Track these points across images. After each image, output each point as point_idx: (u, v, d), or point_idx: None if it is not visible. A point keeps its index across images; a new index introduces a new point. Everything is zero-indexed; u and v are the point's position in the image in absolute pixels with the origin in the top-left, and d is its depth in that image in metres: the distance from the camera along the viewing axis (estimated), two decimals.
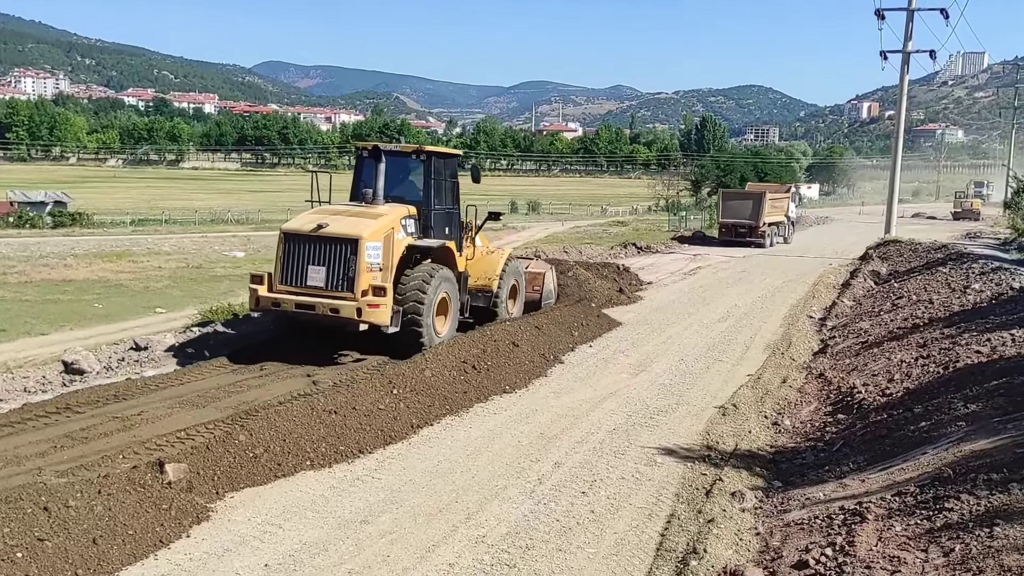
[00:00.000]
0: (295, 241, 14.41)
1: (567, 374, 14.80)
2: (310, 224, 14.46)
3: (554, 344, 16.26)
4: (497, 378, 13.69)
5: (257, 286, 14.47)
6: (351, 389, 11.50)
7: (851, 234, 52.35)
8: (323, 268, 14.28)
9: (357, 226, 14.40)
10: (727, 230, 42.13)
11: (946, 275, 23.30)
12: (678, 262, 34.90)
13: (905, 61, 40.37)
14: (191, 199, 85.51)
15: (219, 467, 9.25)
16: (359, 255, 14.15)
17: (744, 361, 16.32)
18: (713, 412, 12.55)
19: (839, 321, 20.23)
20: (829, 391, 13.20)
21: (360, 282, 14.18)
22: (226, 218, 62.46)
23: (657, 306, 22.69)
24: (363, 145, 16.55)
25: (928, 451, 8.68)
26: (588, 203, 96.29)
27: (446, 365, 13.26)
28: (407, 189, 16.30)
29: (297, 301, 14.15)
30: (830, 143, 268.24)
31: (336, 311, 14.02)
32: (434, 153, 16.35)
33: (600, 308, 20.64)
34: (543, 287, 19.79)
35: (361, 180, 16.22)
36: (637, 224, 64.46)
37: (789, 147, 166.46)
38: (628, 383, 14.30)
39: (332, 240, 14.25)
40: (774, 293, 25.84)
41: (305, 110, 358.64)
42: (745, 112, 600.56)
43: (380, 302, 14.13)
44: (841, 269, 31.86)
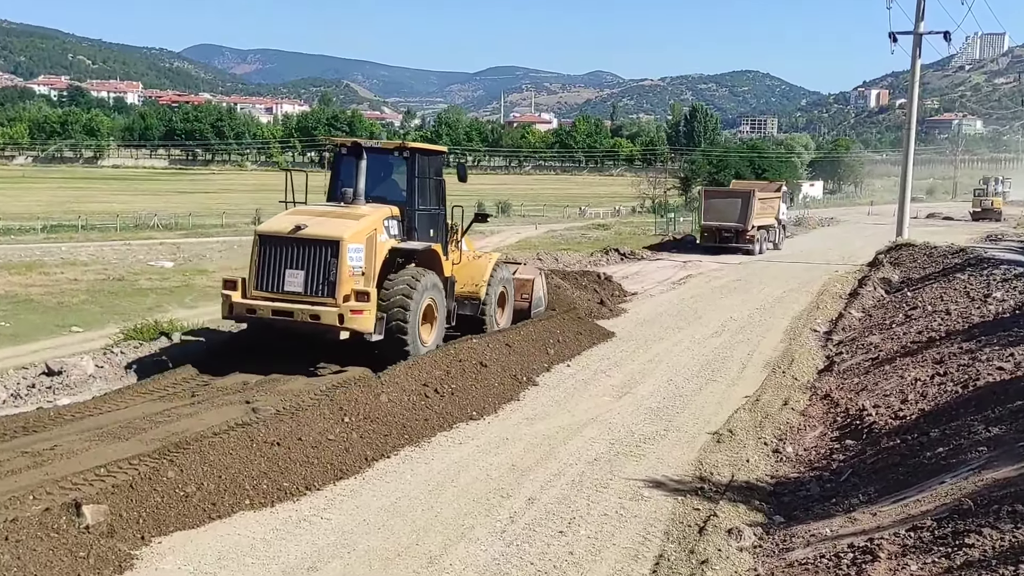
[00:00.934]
0: (271, 244, 14.98)
1: (542, 397, 14.83)
2: (287, 225, 15.04)
3: (527, 364, 16.29)
4: (463, 403, 13.69)
5: (230, 292, 14.99)
6: (296, 417, 11.45)
7: (859, 237, 52.91)
8: (302, 272, 14.87)
9: (338, 227, 14.97)
10: (710, 234, 42.23)
11: (965, 282, 23.61)
12: (666, 270, 35.08)
13: (917, 43, 40.97)
14: (111, 202, 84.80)
15: (144, 508, 9.15)
16: (340, 258, 14.74)
17: (741, 381, 16.42)
18: (706, 439, 12.61)
19: (846, 335, 20.43)
20: (836, 414, 13.31)
21: (342, 287, 14.77)
22: (152, 223, 61.94)
23: (643, 319, 22.78)
24: (342, 141, 17.28)
25: (946, 480, 8.77)
26: (564, 204, 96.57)
27: (405, 389, 13.24)
28: (389, 188, 16.90)
29: (274, 307, 14.73)
30: (835, 135, 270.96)
31: (316, 317, 14.62)
32: (418, 150, 16.87)
33: (589, 318, 20.95)
34: (532, 294, 20.32)
35: (339, 179, 16.85)
36: (620, 227, 64.75)
37: (789, 140, 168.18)
38: (611, 407, 14.35)
39: (311, 242, 14.83)
40: (774, 304, 26.04)
41: (242, 100, 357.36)
42: (740, 101, 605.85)
43: (363, 308, 14.71)
44: (848, 277, 32.20)
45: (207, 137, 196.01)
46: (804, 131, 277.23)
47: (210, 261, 38.53)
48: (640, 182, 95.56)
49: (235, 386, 14.08)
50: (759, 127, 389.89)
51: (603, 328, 20.71)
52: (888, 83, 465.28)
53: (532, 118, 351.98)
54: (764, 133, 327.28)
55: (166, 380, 14.26)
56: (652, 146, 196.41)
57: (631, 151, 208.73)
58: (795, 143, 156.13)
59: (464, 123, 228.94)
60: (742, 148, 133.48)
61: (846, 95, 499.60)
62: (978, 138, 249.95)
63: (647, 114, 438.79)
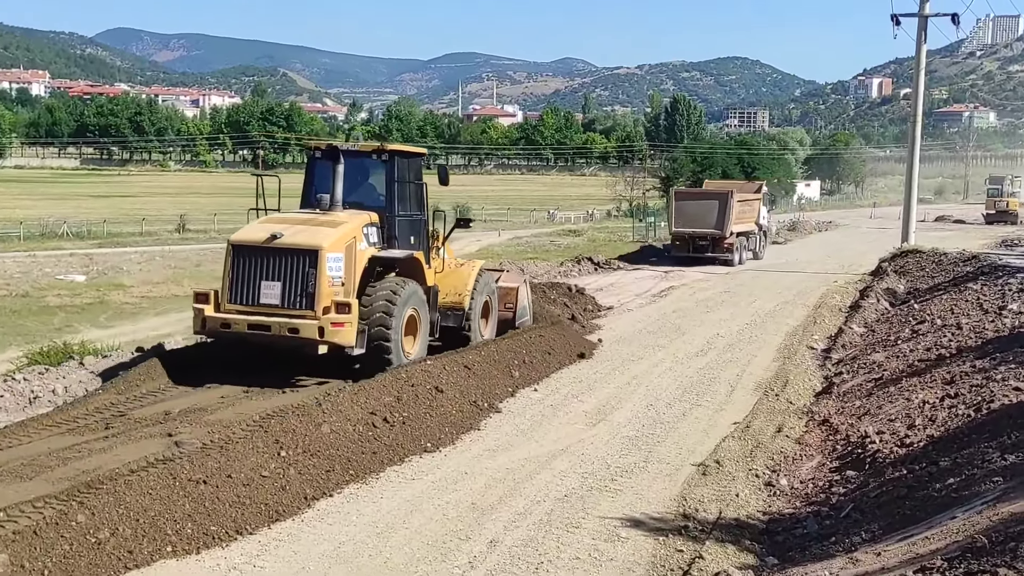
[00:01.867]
0: (245, 254, 15.85)
1: (506, 426, 14.83)
2: (262, 234, 15.91)
3: (489, 388, 16.31)
4: (416, 433, 13.67)
5: (202, 306, 15.80)
6: (225, 452, 11.36)
7: (861, 243, 53.41)
8: (278, 284, 15.73)
9: (316, 235, 15.88)
10: (683, 242, 41.72)
11: (978, 293, 23.88)
12: (645, 281, 35.23)
13: (922, 27, 41.50)
14: (14, 207, 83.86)
15: (51, 557, 9.04)
16: (319, 268, 15.59)
17: (729, 406, 16.50)
18: (691, 471, 12.65)
19: (847, 353, 20.59)
20: (835, 442, 13.40)
21: (321, 298, 15.61)
22: (61, 231, 61.39)
23: (619, 337, 22.85)
24: (316, 144, 18.27)
25: (958, 514, 8.84)
26: (531, 207, 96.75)
27: (350, 418, 13.19)
28: (366, 193, 17.81)
29: (250, 321, 15.56)
30: (832, 129, 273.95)
31: (295, 331, 15.48)
32: (397, 152, 17.76)
33: (570, 330, 21.51)
34: (516, 303, 21.09)
35: (314, 184, 17.76)
36: (593, 233, 65.03)
37: (782, 135, 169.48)
38: (583, 436, 14.36)
39: (288, 252, 15.71)
40: (766, 319, 26.22)
41: (165, 91, 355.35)
42: (727, 91, 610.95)
43: (344, 320, 15.54)
44: (849, 287, 32.49)
45: (124, 133, 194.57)
46: (798, 125, 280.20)
47: (128, 274, 38.24)
48: (616, 182, 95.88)
49: (155, 416, 13.95)
50: (748, 120, 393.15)
51: (590, 340, 21.23)
52: (891, 71, 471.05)
53: (494, 111, 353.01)
54: (754, 127, 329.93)
55: (76, 411, 14.11)
56: (629, 142, 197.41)
57: (605, 148, 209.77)
58: (789, 138, 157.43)
59: (417, 117, 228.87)
60: (729, 144, 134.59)
61: (845, 84, 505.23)
62: (991, 132, 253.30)
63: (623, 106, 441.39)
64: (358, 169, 17.90)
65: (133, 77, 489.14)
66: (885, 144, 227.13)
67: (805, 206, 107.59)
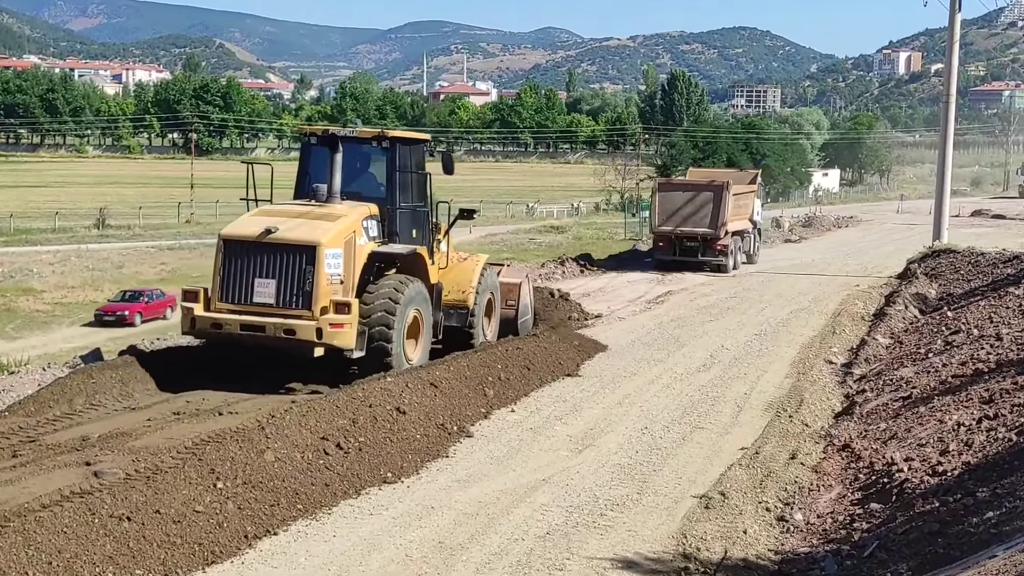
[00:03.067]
0: (238, 249, 16.88)
1: (478, 453, 14.82)
2: (255, 228, 16.87)
3: (459, 409, 16.31)
4: (374, 461, 13.65)
5: (191, 304, 16.86)
6: (153, 483, 11.30)
7: (886, 241, 53.69)
8: (273, 281, 16.72)
9: (314, 230, 16.84)
10: (667, 244, 40.79)
11: (1020, 299, 23.98)
12: (639, 284, 35.26)
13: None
14: None
15: None
16: (317, 265, 16.58)
17: (736, 428, 16.54)
18: (692, 504, 12.68)
19: (871, 368, 20.66)
20: (858, 470, 13.44)
21: (319, 297, 16.61)
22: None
23: (610, 349, 22.87)
24: (312, 130, 19.36)
25: (997, 553, 8.88)
26: (507, 199, 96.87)
27: (297, 444, 13.14)
28: (365, 184, 18.86)
29: (243, 322, 16.54)
30: (854, 110, 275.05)
31: (292, 332, 16.49)
32: (399, 139, 18.84)
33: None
34: (519, 302, 22.18)
35: (309, 173, 18.89)
36: (579, 230, 65.15)
37: (796, 117, 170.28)
38: (568, 464, 14.37)
39: (284, 248, 16.72)
40: (778, 328, 26.29)
41: (82, 64, 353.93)
42: (733, 66, 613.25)
43: (344, 321, 16.53)
44: (872, 292, 32.58)
45: (34, 113, 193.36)
46: (815, 105, 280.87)
47: (39, 278, 38.06)
48: (605, 171, 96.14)
49: (71, 442, 13.85)
50: (758, 100, 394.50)
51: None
52: (921, 44, 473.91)
53: (464, 88, 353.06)
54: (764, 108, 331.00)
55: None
56: (620, 125, 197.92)
57: (593, 131, 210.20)
58: (803, 120, 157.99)
59: (375, 95, 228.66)
60: (735, 127, 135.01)
61: (868, 59, 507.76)
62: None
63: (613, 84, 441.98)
64: (356, 157, 18.86)
65: (45, 48, 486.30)
66: (914, 127, 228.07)
67: (822, 199, 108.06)
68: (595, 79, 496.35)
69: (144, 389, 16.50)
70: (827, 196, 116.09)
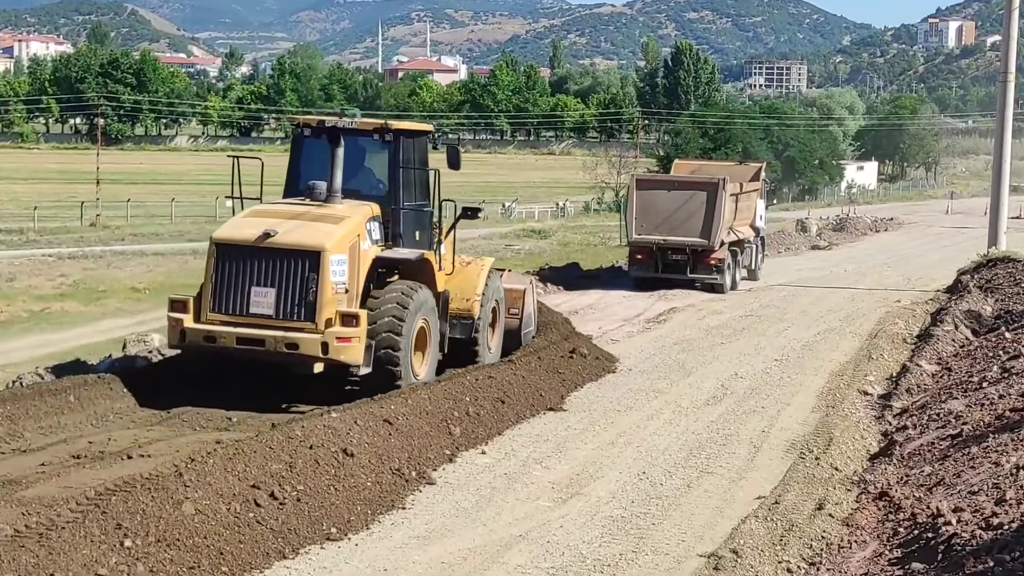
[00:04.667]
0: (232, 255, 18.08)
1: (442, 503, 14.78)
2: (252, 231, 18.07)
3: (419, 450, 16.25)
4: (316, 514, 13.56)
5: (180, 315, 18.08)
6: (46, 542, 11.22)
7: (933, 248, 53.96)
8: (272, 290, 17.90)
9: (316, 234, 18.06)
10: (646, 257, 39.18)
11: None
12: (636, 300, 35.30)
13: None
14: None
15: None
16: (322, 272, 17.80)
17: (751, 473, 16.56)
18: (698, 564, 12.68)
19: (913, 400, 20.69)
20: (897, 523, 13.45)
21: (323, 308, 17.81)
22: None
23: (603, 379, 22.86)
24: (305, 120, 20.57)
25: None
26: (479, 197, 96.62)
27: (223, 493, 13.05)
28: (363, 180, 20.35)
29: (240, 335, 17.72)
30: (895, 91, 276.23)
31: (294, 347, 17.69)
32: (403, 131, 20.14)
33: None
34: (523, 310, 23.36)
35: (300, 169, 20.26)
36: (565, 234, 65.22)
37: (826, 99, 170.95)
38: (549, 517, 14.34)
39: (284, 253, 17.91)
40: (802, 353, 26.36)
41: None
42: (749, 39, 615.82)
43: (352, 335, 17.73)
44: (916, 309, 32.69)
45: None
46: (848, 85, 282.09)
47: None
48: (596, 164, 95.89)
49: None
50: (780, 78, 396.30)
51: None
52: (974, 12, 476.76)
53: (427, 64, 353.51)
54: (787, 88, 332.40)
55: None
56: (615, 108, 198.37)
57: (582, 116, 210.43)
58: (834, 103, 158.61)
59: (320, 72, 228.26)
60: (753, 111, 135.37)
61: (911, 30, 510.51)
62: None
63: (607, 59, 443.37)
64: (353, 151, 20.03)
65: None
66: (966, 112, 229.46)
67: (857, 197, 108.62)
68: (585, 53, 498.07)
69: (37, 427, 16.41)
70: (863, 194, 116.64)
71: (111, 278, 43.36)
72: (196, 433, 16.48)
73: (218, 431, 16.74)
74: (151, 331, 26.03)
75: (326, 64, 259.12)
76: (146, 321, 31.02)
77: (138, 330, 26.94)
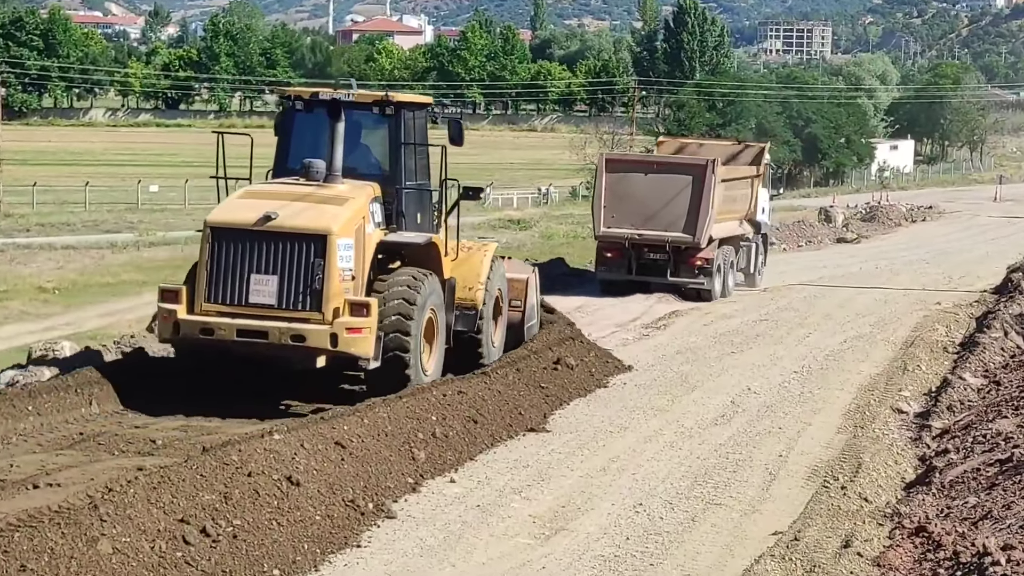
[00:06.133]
0: (229, 239, 19.11)
1: (403, 540, 14.75)
2: (251, 214, 19.13)
3: (376, 478, 16.24)
4: (255, 553, 13.53)
5: (172, 306, 19.08)
6: None
7: (979, 241, 54.08)
8: (274, 278, 18.93)
9: (322, 216, 19.18)
10: (617, 255, 38.19)
11: None
12: (632, 303, 35.34)
13: None
14: None
15: None
16: (328, 258, 18.90)
17: (766, 505, 16.58)
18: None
19: (956, 419, 20.75)
20: (937, 563, 13.50)
21: (330, 297, 18.90)
22: None
23: (591, 394, 22.87)
24: (296, 92, 22.02)
25: None
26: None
27: (146, 529, 13.00)
28: (361, 158, 21.58)
29: (240, 326, 18.74)
30: (934, 57, 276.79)
31: (301, 339, 18.75)
32: (404, 104, 21.41)
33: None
34: (525, 302, 24.37)
35: (291, 146, 21.42)
36: (549, 224, 65.28)
37: (854, 66, 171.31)
38: (530, 557, 14.34)
39: (287, 237, 18.98)
40: (825, 364, 26.39)
41: None
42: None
43: (362, 325, 18.87)
44: (960, 312, 32.74)
45: None
46: (879, 51, 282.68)
47: None
48: (585, 142, 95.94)
49: None
50: (800, 43, 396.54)
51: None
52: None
53: (387, 24, 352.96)
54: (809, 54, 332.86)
55: None
56: (607, 77, 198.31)
57: (569, 86, 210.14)
58: (864, 71, 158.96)
59: (261, 36, 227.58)
60: (769, 80, 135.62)
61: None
62: None
63: (597, 19, 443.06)
64: (350, 126, 20.88)
65: None
66: (1017, 82, 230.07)
67: (889, 181, 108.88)
68: (572, 12, 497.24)
69: None
70: (896, 178, 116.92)
71: (14, 276, 43.37)
72: (115, 458, 16.39)
73: (140, 456, 16.64)
74: (61, 338, 25.96)
75: (268, 25, 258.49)
76: (55, 327, 31.04)
77: (46, 337, 26.85)
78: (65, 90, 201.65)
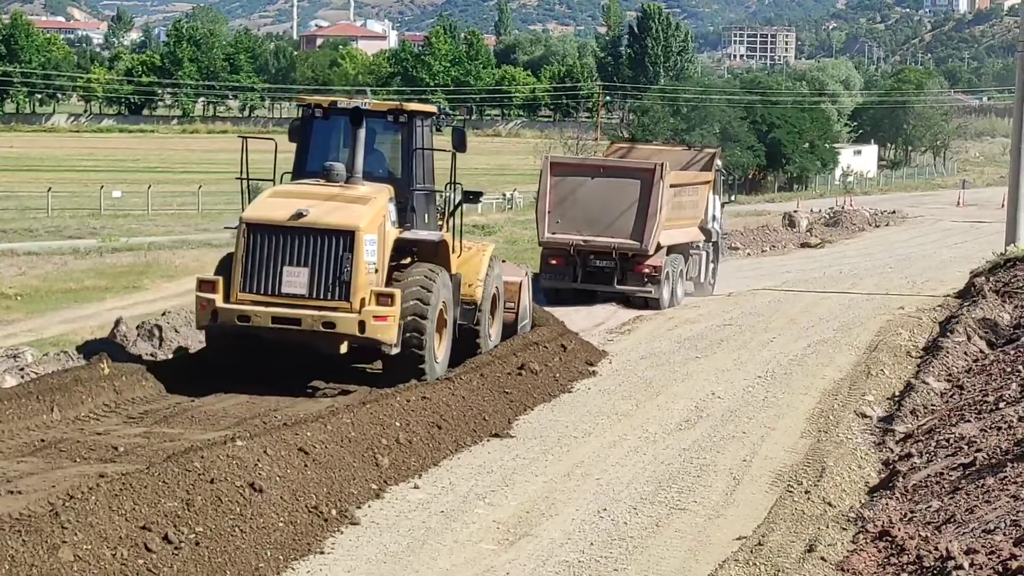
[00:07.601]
0: (264, 234, 21.41)
1: (367, 546, 14.77)
2: (284, 211, 21.47)
3: (340, 484, 16.25)
4: (217, 560, 13.52)
5: (210, 295, 21.36)
6: None
7: (943, 246, 54.24)
8: (305, 270, 21.26)
9: (350, 214, 21.50)
10: (561, 261, 37.43)
11: None
12: (596, 308, 35.28)
13: None
14: None
15: None
16: (356, 252, 21.18)
17: (730, 509, 16.61)
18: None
19: (919, 423, 20.80)
20: (900, 567, 13.51)
21: (358, 288, 21.22)
22: None
23: (558, 399, 22.88)
24: (316, 101, 24.04)
25: None
26: None
27: (107, 537, 12.94)
28: (375, 162, 23.74)
29: (275, 314, 21.06)
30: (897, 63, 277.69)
31: (331, 325, 21.07)
32: (416, 113, 23.72)
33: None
34: (518, 303, 26.44)
35: (309, 151, 23.65)
36: (513, 230, 65.18)
37: (817, 71, 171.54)
38: (494, 562, 14.37)
39: (318, 233, 21.25)
40: (789, 368, 26.47)
41: None
42: (729, 1, 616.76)
43: (388, 314, 21.13)
44: (923, 317, 32.86)
45: None
46: (843, 55, 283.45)
47: None
48: (551, 146, 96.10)
49: None
50: (763, 47, 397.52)
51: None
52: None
53: (351, 29, 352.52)
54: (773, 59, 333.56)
55: None
56: (572, 82, 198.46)
57: (533, 91, 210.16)
58: (828, 76, 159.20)
59: (224, 39, 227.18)
60: (733, 85, 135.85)
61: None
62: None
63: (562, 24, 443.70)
64: (367, 132, 23.15)
65: None
66: (980, 87, 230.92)
67: (853, 186, 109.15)
68: (536, 18, 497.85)
69: None
70: (860, 183, 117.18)
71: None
72: (76, 465, 16.33)
73: (102, 462, 16.59)
74: (23, 344, 25.86)
75: (231, 30, 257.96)
76: (17, 333, 30.87)
77: (8, 343, 26.73)
78: (27, 96, 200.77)
